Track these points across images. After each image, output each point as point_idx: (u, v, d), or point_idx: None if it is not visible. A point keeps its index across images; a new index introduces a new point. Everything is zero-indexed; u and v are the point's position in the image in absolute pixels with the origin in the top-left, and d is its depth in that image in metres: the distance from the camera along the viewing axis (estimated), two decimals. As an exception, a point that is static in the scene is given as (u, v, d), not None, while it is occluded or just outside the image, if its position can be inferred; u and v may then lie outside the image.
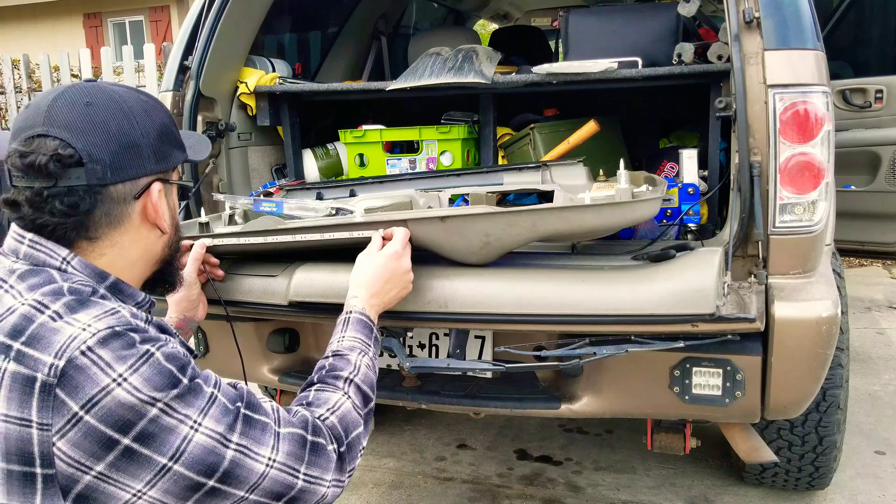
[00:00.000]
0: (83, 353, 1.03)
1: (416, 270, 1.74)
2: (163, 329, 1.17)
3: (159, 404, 1.05)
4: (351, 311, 1.55)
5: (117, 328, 1.07)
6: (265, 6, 2.71)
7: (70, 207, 1.15)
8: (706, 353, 1.85)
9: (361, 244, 1.74)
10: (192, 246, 1.85)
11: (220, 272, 1.94)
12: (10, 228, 1.19)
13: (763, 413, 1.91)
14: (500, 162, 2.80)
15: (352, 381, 1.40)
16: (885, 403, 3.47)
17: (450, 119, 2.89)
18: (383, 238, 1.71)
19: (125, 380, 1.03)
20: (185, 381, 1.09)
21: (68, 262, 1.17)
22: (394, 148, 2.86)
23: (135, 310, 1.15)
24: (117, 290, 1.21)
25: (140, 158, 1.20)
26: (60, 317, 1.06)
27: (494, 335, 2.11)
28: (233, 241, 1.94)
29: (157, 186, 1.23)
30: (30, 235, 1.16)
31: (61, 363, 1.02)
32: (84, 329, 1.05)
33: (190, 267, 1.81)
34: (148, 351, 1.07)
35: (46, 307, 1.07)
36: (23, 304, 1.08)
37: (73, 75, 9.43)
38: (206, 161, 2.53)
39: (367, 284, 1.60)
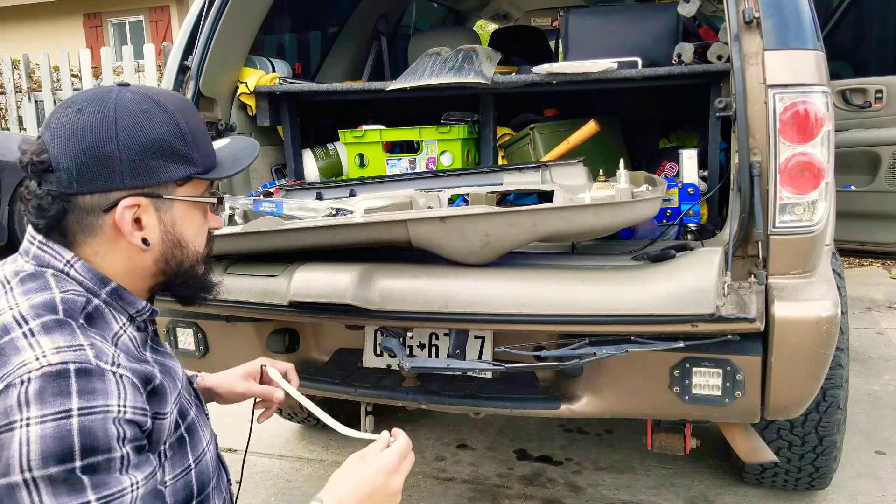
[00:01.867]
0: (21, 381, 1.00)
1: (417, 270, 1.74)
2: (146, 378, 1.10)
3: (26, 474, 0.97)
4: None
5: (69, 366, 1.02)
6: (265, 6, 2.71)
7: (40, 209, 1.14)
8: (706, 353, 1.85)
9: (362, 244, 1.73)
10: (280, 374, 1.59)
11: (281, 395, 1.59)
12: (27, 230, 1.21)
13: (763, 413, 1.91)
14: (500, 162, 2.80)
15: None
16: (885, 403, 3.47)
17: (450, 119, 2.89)
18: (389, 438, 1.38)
19: (28, 426, 0.99)
20: (77, 465, 0.99)
21: (72, 265, 1.16)
22: (394, 148, 2.85)
23: (108, 349, 1.09)
24: (118, 296, 1.19)
25: (110, 172, 1.14)
26: (32, 335, 1.05)
27: (494, 335, 2.11)
28: (233, 241, 1.94)
29: (126, 202, 1.15)
30: (39, 237, 1.17)
31: (2, 385, 1.01)
32: (37, 358, 1.02)
33: (255, 390, 1.57)
34: (68, 411, 0.99)
35: (26, 322, 1.06)
36: (10, 310, 1.08)
37: (73, 75, 9.45)
38: None
39: (340, 495, 1.30)
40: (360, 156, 2.82)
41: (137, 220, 1.17)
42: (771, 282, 1.87)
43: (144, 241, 1.18)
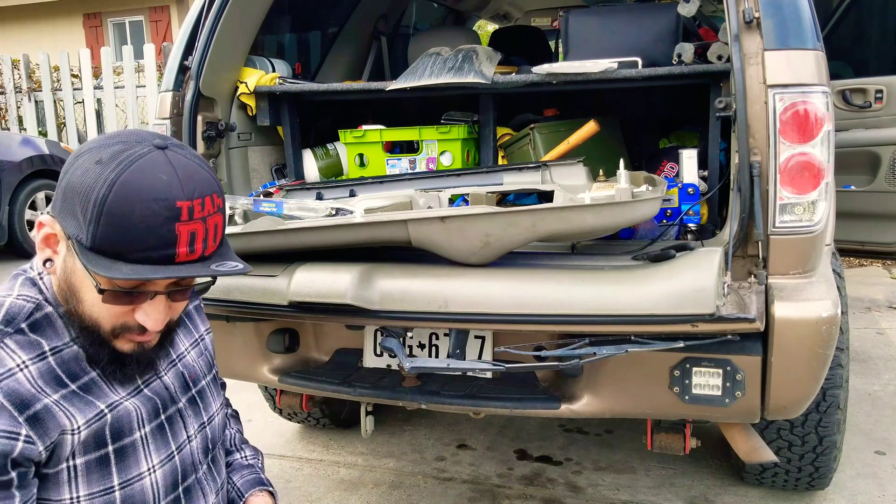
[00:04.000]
0: None
1: (417, 270, 1.74)
2: (24, 402, 1.08)
3: None
4: None
5: None
6: (265, 6, 2.71)
7: None
8: (706, 353, 1.85)
9: (362, 244, 1.74)
10: None
11: None
12: None
13: (763, 413, 1.91)
14: (500, 162, 2.80)
15: None
16: (885, 403, 3.47)
17: (450, 119, 2.89)
18: None
19: None
20: None
21: (41, 277, 1.20)
22: (394, 148, 2.86)
23: (10, 362, 1.09)
24: (70, 319, 1.17)
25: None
26: None
27: (494, 335, 2.11)
28: (233, 241, 1.94)
29: (46, 218, 1.15)
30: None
31: None
32: None
33: None
34: None
35: None
36: None
37: (73, 75, 9.46)
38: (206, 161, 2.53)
39: None
40: (360, 156, 2.82)
41: (52, 241, 1.17)
42: (771, 282, 1.87)
43: (47, 261, 1.18)
